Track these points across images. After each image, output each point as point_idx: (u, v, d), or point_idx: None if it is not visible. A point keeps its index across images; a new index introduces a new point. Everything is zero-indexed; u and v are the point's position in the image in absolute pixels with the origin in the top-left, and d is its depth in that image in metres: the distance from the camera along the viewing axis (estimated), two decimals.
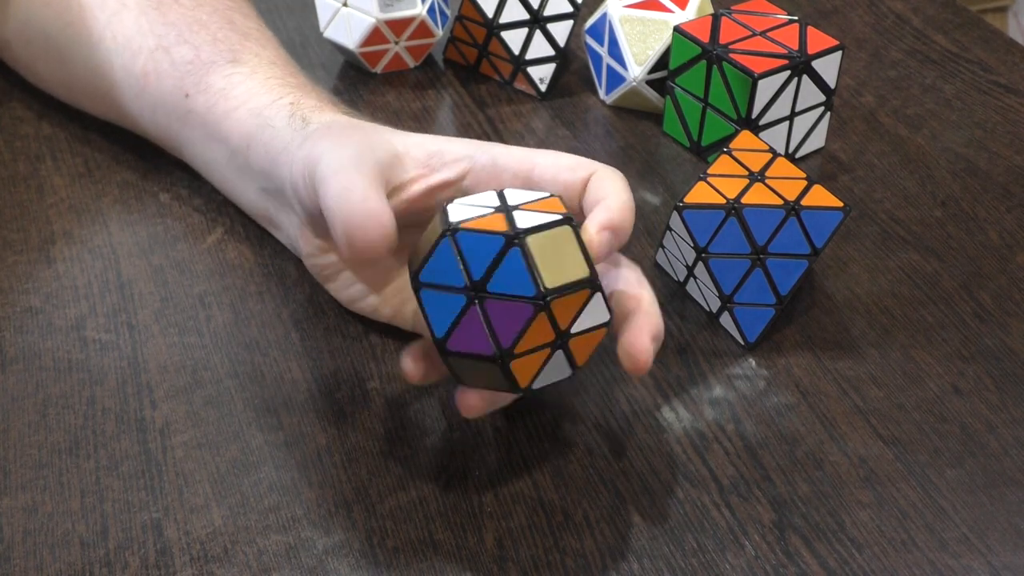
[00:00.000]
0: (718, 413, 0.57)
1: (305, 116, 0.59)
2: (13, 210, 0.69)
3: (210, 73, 0.64)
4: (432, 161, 0.55)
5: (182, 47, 0.66)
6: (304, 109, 0.60)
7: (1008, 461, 0.55)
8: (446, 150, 0.56)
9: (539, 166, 0.55)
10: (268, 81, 0.63)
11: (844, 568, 0.50)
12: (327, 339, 0.60)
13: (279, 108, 0.61)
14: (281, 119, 0.60)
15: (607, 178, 0.54)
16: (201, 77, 0.64)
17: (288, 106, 0.61)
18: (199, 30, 0.66)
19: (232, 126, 0.62)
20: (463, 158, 0.55)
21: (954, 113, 0.78)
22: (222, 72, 0.64)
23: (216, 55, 0.65)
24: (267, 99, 0.62)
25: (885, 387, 0.59)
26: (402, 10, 0.78)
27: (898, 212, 0.70)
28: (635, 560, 0.50)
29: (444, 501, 0.53)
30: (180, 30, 0.67)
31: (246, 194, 0.65)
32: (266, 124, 0.60)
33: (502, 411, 0.57)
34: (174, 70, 0.66)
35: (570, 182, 0.55)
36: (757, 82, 0.68)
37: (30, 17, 0.72)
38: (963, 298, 0.64)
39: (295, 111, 0.60)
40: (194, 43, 0.66)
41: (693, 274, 0.62)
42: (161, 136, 0.69)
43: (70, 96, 0.74)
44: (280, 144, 0.59)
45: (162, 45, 0.66)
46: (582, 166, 0.55)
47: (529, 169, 0.55)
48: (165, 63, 0.66)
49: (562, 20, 0.77)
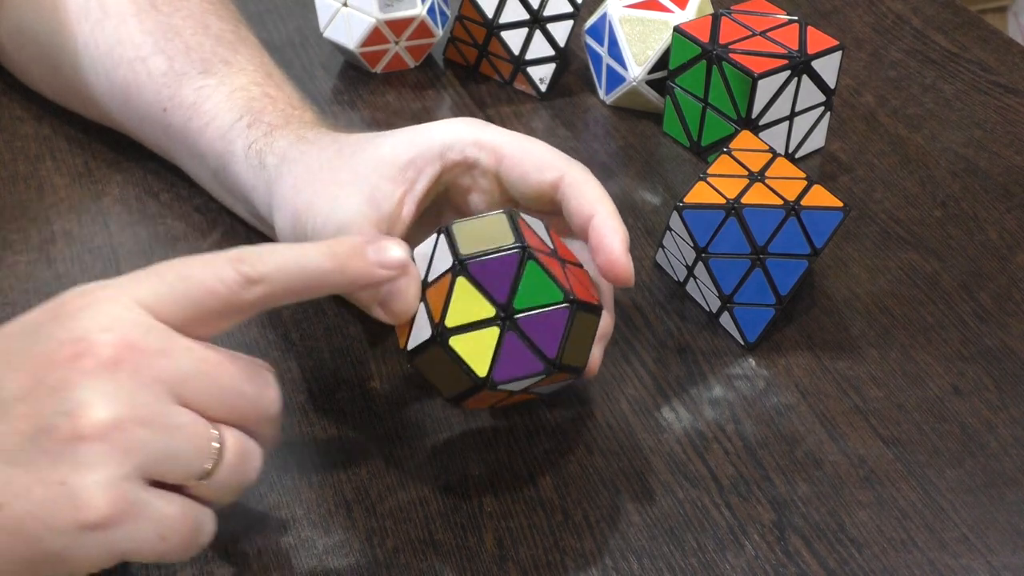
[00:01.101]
0: (718, 413, 0.57)
1: (260, 151, 0.59)
2: (13, 210, 0.69)
3: (183, 86, 0.64)
4: (407, 174, 0.55)
5: (157, 57, 0.66)
6: (257, 136, 0.60)
7: (1008, 461, 0.55)
8: (417, 156, 0.55)
9: (507, 159, 0.55)
10: (232, 96, 0.63)
11: (844, 568, 0.50)
12: (327, 339, 0.60)
13: (238, 133, 0.61)
14: (240, 149, 0.60)
15: (583, 185, 0.54)
16: (175, 91, 0.64)
17: (245, 130, 0.61)
18: (173, 38, 0.66)
19: (206, 145, 0.62)
20: (433, 160, 0.55)
21: (954, 113, 0.78)
22: (193, 85, 0.64)
23: (188, 66, 0.65)
24: (229, 119, 0.62)
25: (885, 387, 0.59)
26: (402, 10, 0.78)
27: (898, 212, 0.70)
28: (635, 560, 0.50)
29: (444, 501, 0.53)
30: (156, 39, 0.66)
31: (235, 208, 0.65)
32: (230, 151, 0.61)
33: (502, 411, 0.57)
34: (151, 82, 0.65)
35: (538, 183, 0.54)
36: (757, 82, 0.68)
37: (20, 24, 0.72)
38: (963, 298, 0.64)
39: (249, 139, 0.60)
40: (168, 53, 0.65)
41: (693, 274, 0.62)
42: (152, 145, 0.69)
43: (65, 101, 0.74)
44: (247, 183, 0.60)
45: (139, 56, 0.66)
46: (548, 167, 0.54)
47: (497, 162, 0.55)
48: (143, 74, 0.66)
49: (562, 20, 0.77)
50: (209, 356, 0.45)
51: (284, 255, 0.47)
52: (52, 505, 0.41)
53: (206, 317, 0.45)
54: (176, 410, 0.43)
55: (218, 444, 0.44)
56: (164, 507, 0.43)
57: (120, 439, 0.42)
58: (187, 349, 0.44)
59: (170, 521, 0.43)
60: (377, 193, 0.54)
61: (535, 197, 0.55)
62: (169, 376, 0.43)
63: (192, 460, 0.44)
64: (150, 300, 0.44)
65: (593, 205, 0.53)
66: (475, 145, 0.55)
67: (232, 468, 0.45)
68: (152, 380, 0.43)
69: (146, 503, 0.42)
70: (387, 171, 0.54)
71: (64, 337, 0.43)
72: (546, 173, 0.54)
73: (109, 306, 0.44)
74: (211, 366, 0.44)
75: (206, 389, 0.44)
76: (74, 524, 0.41)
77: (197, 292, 0.45)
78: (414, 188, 0.55)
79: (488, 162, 0.55)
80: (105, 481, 0.41)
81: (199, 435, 0.44)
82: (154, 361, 0.43)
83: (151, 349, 0.43)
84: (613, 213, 0.53)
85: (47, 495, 0.41)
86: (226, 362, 0.45)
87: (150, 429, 0.42)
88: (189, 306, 0.45)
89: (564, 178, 0.54)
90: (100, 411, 0.42)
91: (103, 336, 0.43)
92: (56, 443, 0.41)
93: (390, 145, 0.55)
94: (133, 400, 0.42)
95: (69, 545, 0.42)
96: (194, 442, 0.44)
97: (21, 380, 0.42)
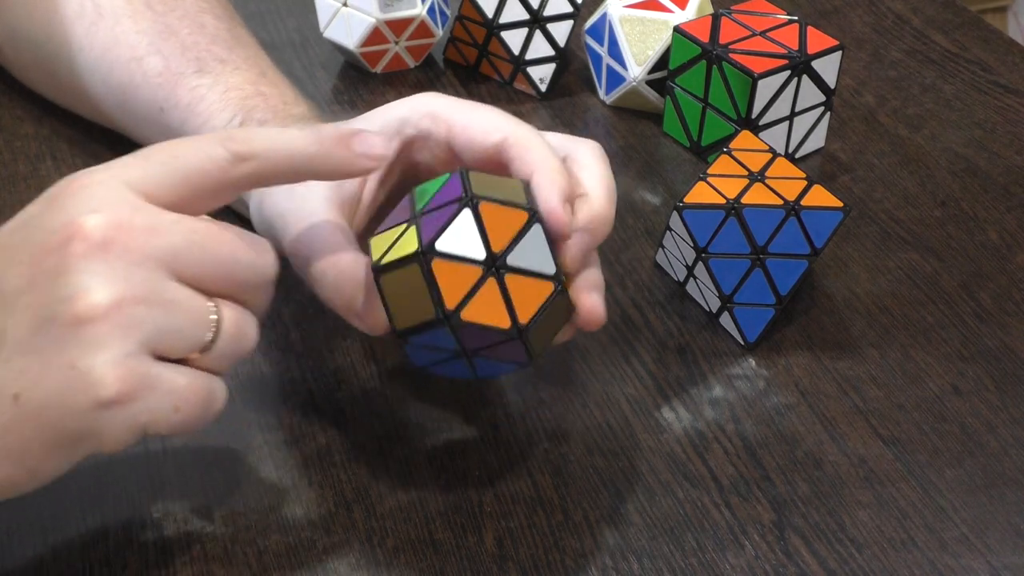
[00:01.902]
0: (718, 413, 0.57)
1: None
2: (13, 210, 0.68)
3: (178, 86, 0.64)
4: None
5: (153, 58, 0.66)
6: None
7: (1008, 461, 0.55)
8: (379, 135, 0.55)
9: (455, 126, 0.54)
10: (226, 95, 0.63)
11: (844, 568, 0.50)
12: (327, 339, 0.60)
13: None
14: None
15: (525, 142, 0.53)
16: (171, 91, 0.64)
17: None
18: (169, 37, 0.66)
19: None
20: (392, 138, 0.55)
21: (954, 113, 0.78)
22: (188, 85, 0.64)
23: (184, 65, 0.65)
24: (223, 118, 0.62)
25: (885, 387, 0.59)
26: (402, 10, 0.78)
27: (898, 212, 0.70)
28: (635, 560, 0.50)
29: (444, 501, 0.53)
30: (151, 39, 0.66)
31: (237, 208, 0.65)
32: None
33: (502, 411, 0.57)
34: (147, 83, 0.65)
35: (483, 147, 0.54)
36: (757, 82, 0.68)
37: (17, 26, 0.72)
38: (963, 298, 0.64)
39: None
40: (164, 53, 0.65)
41: (693, 274, 0.62)
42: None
43: (64, 102, 0.74)
44: None
45: (135, 56, 0.66)
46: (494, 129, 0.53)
47: (448, 131, 0.54)
48: (139, 75, 0.66)
49: (562, 20, 0.77)
50: (199, 227, 0.45)
51: (273, 136, 0.48)
52: (66, 388, 0.43)
53: (197, 195, 0.46)
54: (171, 286, 0.44)
55: (215, 316, 0.45)
56: (174, 378, 0.44)
57: (120, 318, 0.43)
58: (176, 223, 0.45)
59: (182, 391, 0.45)
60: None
61: (485, 161, 0.54)
62: (161, 252, 0.44)
63: (192, 333, 0.45)
64: (139, 181, 0.45)
65: (532, 165, 0.52)
66: (428, 116, 0.55)
67: (231, 338, 0.46)
68: (144, 257, 0.44)
69: (156, 376, 0.44)
70: None
71: (55, 224, 0.44)
72: (491, 136, 0.54)
73: (98, 189, 0.44)
74: (202, 237, 0.45)
75: (199, 261, 0.45)
76: (91, 404, 0.43)
77: (187, 170, 0.46)
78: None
79: (439, 132, 0.55)
80: (112, 359, 0.43)
81: (196, 309, 0.45)
82: (144, 238, 0.44)
83: (140, 227, 0.44)
84: (553, 169, 0.52)
85: (60, 379, 0.43)
86: (218, 232, 0.46)
87: (147, 306, 0.43)
88: (179, 185, 0.45)
89: (507, 139, 0.53)
90: (97, 294, 0.43)
91: (91, 218, 0.43)
92: (61, 329, 0.43)
93: (365, 117, 0.56)
94: (128, 279, 0.43)
95: (90, 424, 0.43)
96: (192, 316, 0.45)
97: (21, 272, 0.44)
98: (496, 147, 0.53)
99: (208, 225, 0.46)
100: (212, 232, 0.46)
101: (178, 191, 0.45)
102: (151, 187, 0.45)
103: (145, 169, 0.45)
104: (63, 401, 0.43)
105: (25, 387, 0.43)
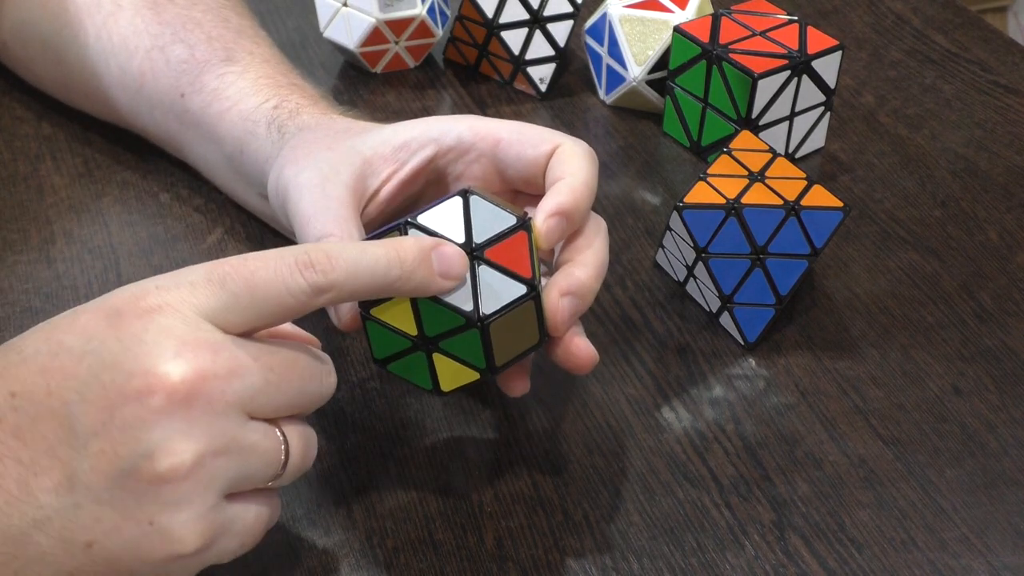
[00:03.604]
0: (718, 413, 0.57)
1: (281, 124, 0.60)
2: (13, 210, 0.69)
3: (204, 72, 0.65)
4: (400, 155, 0.55)
5: (177, 46, 0.66)
6: (283, 114, 0.61)
7: (1008, 461, 0.55)
8: (412, 139, 0.56)
9: (503, 142, 0.55)
10: (258, 81, 0.63)
11: (844, 568, 0.50)
12: (327, 339, 0.60)
13: (263, 114, 0.61)
14: (262, 127, 0.60)
15: (570, 155, 0.54)
16: (196, 77, 0.65)
17: (271, 111, 0.61)
18: (194, 28, 0.67)
19: (226, 129, 0.63)
20: (428, 143, 0.55)
21: (954, 113, 0.78)
22: (216, 71, 0.64)
23: (210, 54, 0.65)
24: (254, 102, 0.62)
25: (885, 387, 0.59)
26: (402, 10, 0.78)
27: (898, 212, 0.70)
28: (635, 560, 0.51)
29: (444, 501, 0.53)
30: (175, 29, 0.67)
31: (247, 196, 0.65)
32: (252, 132, 0.61)
33: (502, 411, 0.57)
34: (170, 69, 0.66)
35: (534, 158, 0.54)
36: (757, 82, 0.68)
37: (25, 19, 0.72)
38: (963, 298, 0.64)
39: (275, 116, 0.61)
40: (189, 42, 0.66)
41: (693, 274, 0.62)
42: (161, 136, 0.69)
43: (68, 96, 0.74)
44: (263, 156, 0.60)
45: (157, 45, 0.67)
46: (545, 140, 0.54)
47: (494, 145, 0.55)
48: (161, 63, 0.66)
49: (562, 20, 0.77)
50: (275, 364, 0.44)
51: (354, 259, 0.45)
52: (144, 542, 0.42)
53: (273, 323, 0.45)
54: (248, 429, 0.43)
55: (284, 445, 0.45)
56: (245, 517, 0.44)
57: (202, 474, 0.42)
58: (255, 360, 0.43)
59: (251, 528, 0.45)
60: (367, 168, 0.55)
61: (531, 175, 0.55)
62: (240, 396, 0.43)
63: (267, 472, 0.45)
64: (215, 313, 0.43)
65: (566, 169, 0.53)
66: (470, 130, 0.56)
67: (299, 462, 0.46)
68: (225, 406, 0.42)
69: (231, 521, 0.44)
70: (382, 149, 0.55)
71: (132, 367, 0.42)
72: (542, 146, 0.54)
73: (173, 321, 0.42)
74: (277, 376, 0.44)
75: (274, 400, 0.44)
76: (166, 557, 0.43)
77: (265, 304, 0.44)
78: (403, 168, 0.55)
79: (484, 146, 0.55)
80: (194, 518, 0.42)
81: (271, 449, 0.44)
82: (226, 385, 0.42)
83: (222, 373, 0.42)
84: (577, 187, 0.52)
85: (137, 533, 0.42)
86: (292, 365, 0.45)
87: (227, 456, 0.43)
88: (255, 318, 0.44)
89: (560, 148, 0.54)
90: (180, 454, 0.41)
91: (172, 368, 0.41)
92: (140, 484, 0.42)
93: (392, 128, 0.56)
94: (210, 431, 0.42)
95: (161, 571, 0.43)
96: (267, 456, 0.44)
97: (94, 413, 0.42)
98: (547, 156, 0.54)
99: (283, 359, 0.44)
100: (287, 366, 0.44)
101: (254, 324, 0.44)
102: (228, 319, 0.43)
103: (221, 299, 0.43)
104: (138, 555, 0.42)
105: (98, 537, 0.42)
